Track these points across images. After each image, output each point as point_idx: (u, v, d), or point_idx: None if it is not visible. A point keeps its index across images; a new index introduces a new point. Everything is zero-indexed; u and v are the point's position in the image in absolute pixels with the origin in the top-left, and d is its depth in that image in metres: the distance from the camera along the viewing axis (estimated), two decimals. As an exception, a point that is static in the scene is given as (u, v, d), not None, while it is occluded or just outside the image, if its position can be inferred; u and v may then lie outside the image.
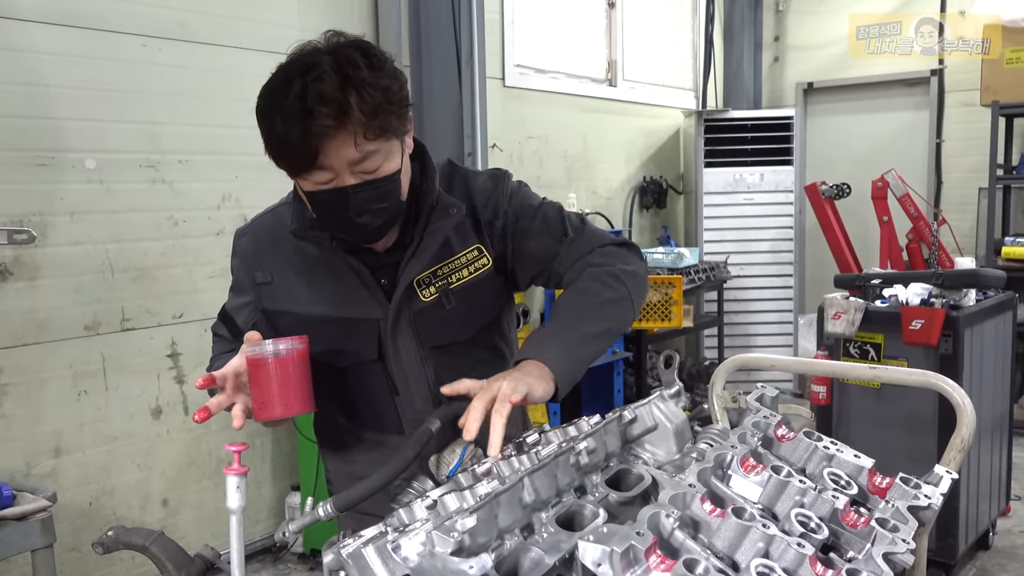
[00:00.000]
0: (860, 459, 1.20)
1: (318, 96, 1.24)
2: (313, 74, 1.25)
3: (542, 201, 1.56)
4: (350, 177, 1.31)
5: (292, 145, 1.27)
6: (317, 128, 1.24)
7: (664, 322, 4.72)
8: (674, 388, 1.36)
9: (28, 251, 2.94)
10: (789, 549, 0.95)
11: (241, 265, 1.57)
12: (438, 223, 1.46)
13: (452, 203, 1.47)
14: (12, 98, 2.90)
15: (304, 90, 1.24)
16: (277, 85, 1.29)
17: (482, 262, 1.50)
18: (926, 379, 1.73)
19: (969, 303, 3.46)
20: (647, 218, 6.23)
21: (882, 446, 3.38)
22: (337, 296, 1.48)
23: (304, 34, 4.28)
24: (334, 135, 1.26)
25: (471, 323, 1.51)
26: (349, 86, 1.25)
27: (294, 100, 1.25)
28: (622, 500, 1.18)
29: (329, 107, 1.24)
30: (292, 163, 1.31)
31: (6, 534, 2.13)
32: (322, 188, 1.33)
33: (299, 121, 1.24)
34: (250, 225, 1.60)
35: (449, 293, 1.48)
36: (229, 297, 1.61)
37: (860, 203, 5.49)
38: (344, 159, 1.29)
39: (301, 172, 1.32)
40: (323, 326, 1.46)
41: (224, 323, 1.61)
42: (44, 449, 3.03)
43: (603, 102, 5.72)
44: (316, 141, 1.26)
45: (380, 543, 0.96)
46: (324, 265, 1.48)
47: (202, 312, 3.48)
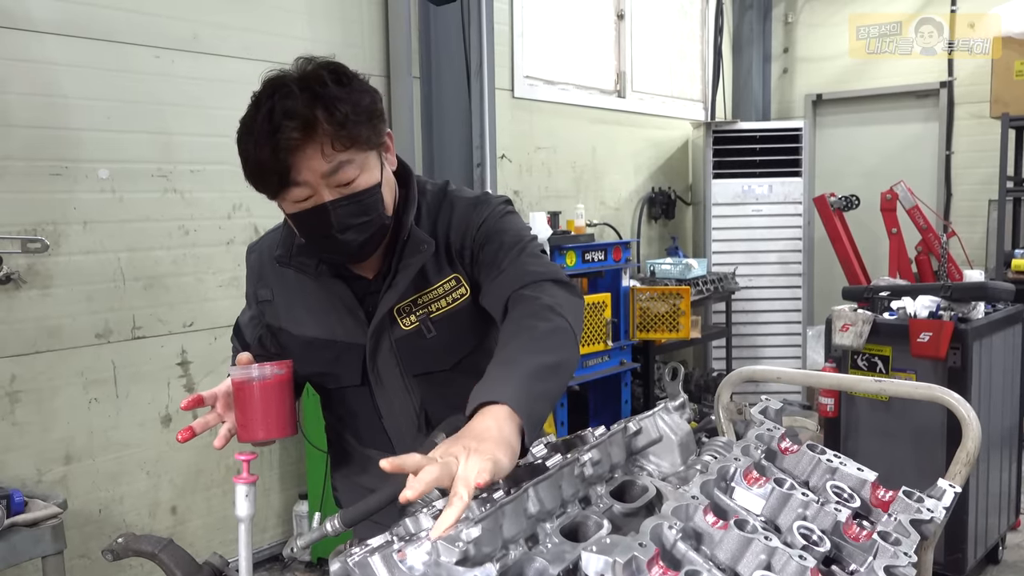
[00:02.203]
0: (863, 472, 1.20)
1: (284, 112, 1.26)
2: (280, 93, 1.28)
3: (511, 230, 1.48)
4: (328, 193, 1.32)
5: (264, 163, 1.28)
6: (285, 142, 1.26)
7: (672, 333, 4.72)
8: (679, 400, 1.37)
9: (41, 260, 2.98)
10: (791, 561, 0.95)
11: (248, 281, 1.62)
12: (409, 258, 1.45)
13: (423, 239, 1.45)
14: (28, 108, 2.94)
15: (271, 109, 1.27)
16: (249, 111, 1.32)
17: (460, 292, 1.48)
18: (931, 392, 1.73)
19: (978, 316, 3.45)
20: (655, 229, 6.24)
21: (890, 459, 3.37)
22: (326, 320, 1.51)
23: (315, 46, 4.33)
24: (302, 147, 1.27)
25: (453, 352, 1.49)
26: (316, 100, 1.28)
27: (263, 121, 1.27)
28: (626, 511, 1.19)
29: (295, 121, 1.26)
30: (267, 182, 1.31)
31: (17, 540, 2.15)
32: (302, 208, 1.33)
33: (269, 139, 1.26)
34: (258, 242, 1.64)
35: (429, 323, 1.47)
36: (243, 310, 1.65)
37: (869, 215, 5.49)
38: (316, 171, 1.30)
39: (278, 191, 1.32)
40: (314, 348, 1.51)
41: (236, 336, 1.66)
42: (55, 456, 3.06)
43: (612, 113, 5.74)
44: (285, 155, 1.27)
45: (386, 552, 0.98)
46: (315, 289, 1.50)
47: (212, 321, 3.51)
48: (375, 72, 4.02)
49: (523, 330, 1.29)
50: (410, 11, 4.07)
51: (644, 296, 4.69)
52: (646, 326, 4.69)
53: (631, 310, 4.62)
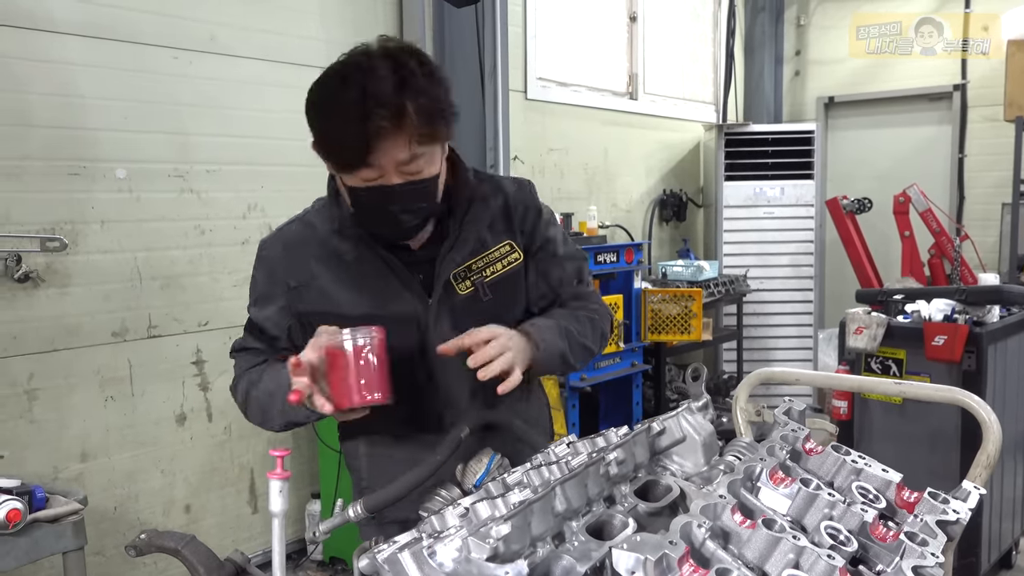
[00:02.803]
0: (888, 473, 1.20)
1: (376, 98, 1.29)
2: (371, 76, 1.30)
3: (560, 231, 1.70)
4: (395, 176, 1.37)
5: (347, 143, 1.32)
6: (374, 128, 1.29)
7: (683, 335, 4.71)
8: (702, 400, 1.38)
9: (60, 259, 3.00)
10: (819, 561, 0.96)
11: (268, 274, 1.58)
12: (478, 212, 1.53)
13: (493, 191, 1.56)
14: (47, 108, 2.96)
15: (362, 91, 1.29)
16: (333, 84, 1.34)
17: (514, 256, 1.58)
18: (952, 395, 1.73)
19: (993, 319, 3.44)
20: (667, 231, 6.24)
21: (904, 462, 3.33)
22: (376, 295, 1.51)
23: (329, 47, 4.35)
24: (389, 136, 1.31)
25: (507, 315, 1.55)
26: (405, 89, 1.30)
27: (352, 100, 1.29)
28: (650, 511, 1.19)
29: (386, 109, 1.29)
30: (343, 160, 1.37)
31: (40, 536, 2.17)
32: (367, 185, 1.38)
33: (357, 120, 1.29)
34: (275, 235, 1.62)
35: (484, 286, 1.53)
36: (252, 311, 1.61)
37: (881, 218, 5.48)
38: (393, 159, 1.34)
39: (351, 169, 1.37)
40: (366, 324, 1.47)
41: (253, 334, 1.61)
42: (71, 453, 3.08)
43: (624, 115, 5.74)
44: (372, 141, 1.30)
45: (416, 548, 0.98)
46: (360, 266, 1.51)
47: (227, 320, 3.52)
48: (389, 73, 4.03)
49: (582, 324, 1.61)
50: (424, 13, 4.09)
51: (656, 298, 4.69)
52: (658, 328, 4.69)
53: (643, 312, 4.62)
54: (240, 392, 1.59)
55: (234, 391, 1.62)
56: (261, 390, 1.53)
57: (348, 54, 1.38)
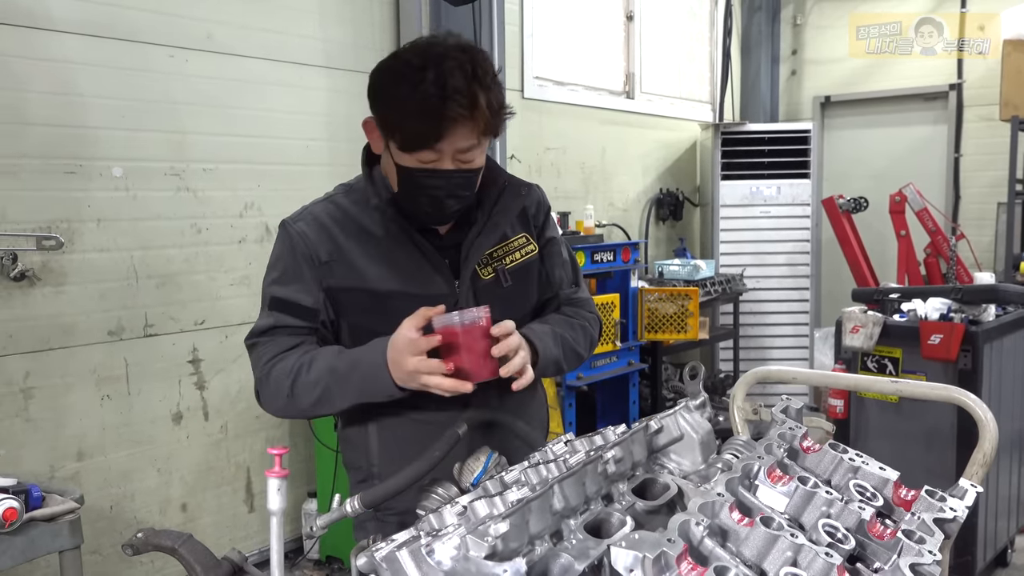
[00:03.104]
0: (885, 471, 1.21)
1: (455, 87, 1.38)
2: (448, 66, 1.39)
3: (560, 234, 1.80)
4: (450, 162, 1.45)
5: (422, 124, 1.39)
6: (452, 113, 1.38)
7: (680, 334, 4.72)
8: (699, 399, 1.38)
9: (56, 257, 2.99)
10: (817, 559, 0.96)
11: (295, 250, 1.56)
12: (508, 201, 1.62)
13: (523, 184, 1.66)
14: (44, 107, 2.96)
15: (441, 79, 1.38)
16: (410, 70, 1.41)
17: (530, 248, 1.68)
18: (948, 394, 1.73)
19: (988, 318, 3.45)
20: (663, 230, 6.25)
21: (900, 461, 3.33)
22: (405, 273, 1.56)
23: (327, 46, 4.32)
24: (462, 124, 1.40)
25: (524, 302, 1.66)
26: (478, 83, 1.41)
27: (431, 86, 1.37)
28: (648, 509, 1.19)
29: (465, 98, 1.38)
30: (413, 140, 1.42)
31: (36, 535, 2.16)
32: (421, 166, 1.45)
33: (436, 105, 1.37)
34: (300, 213, 1.61)
35: (505, 273, 1.62)
36: (277, 289, 1.58)
37: (877, 217, 5.48)
38: (455, 146, 1.43)
39: (415, 149, 1.43)
40: (393, 301, 1.53)
41: (286, 311, 1.57)
42: (67, 452, 3.07)
43: (621, 114, 5.74)
44: (446, 125, 1.39)
45: (414, 547, 0.98)
46: (390, 245, 1.56)
47: (224, 319, 3.52)
48: (386, 72, 4.02)
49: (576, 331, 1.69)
50: (421, 11, 4.08)
51: (652, 297, 4.69)
52: (654, 327, 4.69)
53: (639, 311, 4.62)
54: (279, 375, 1.54)
55: (265, 376, 1.56)
56: (321, 370, 1.50)
57: (415, 44, 1.47)
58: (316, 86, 3.78)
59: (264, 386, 1.57)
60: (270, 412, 1.64)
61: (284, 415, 1.63)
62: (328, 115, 3.84)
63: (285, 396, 1.53)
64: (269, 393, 1.57)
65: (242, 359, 3.59)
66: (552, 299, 1.75)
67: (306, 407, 1.54)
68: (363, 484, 1.65)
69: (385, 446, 1.63)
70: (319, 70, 3.78)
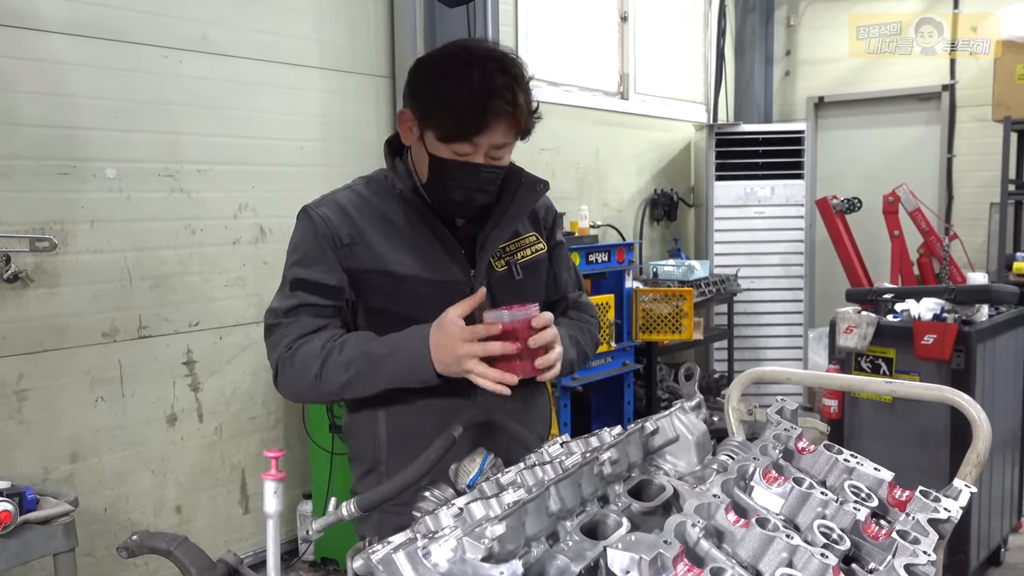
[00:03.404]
0: (880, 472, 1.21)
1: (501, 85, 1.48)
2: (491, 66, 1.49)
3: None
4: (482, 157, 1.53)
5: (468, 117, 1.47)
6: (495, 109, 1.47)
7: (674, 334, 4.73)
8: (695, 400, 1.38)
9: (49, 259, 2.98)
10: (813, 559, 0.96)
11: (317, 233, 1.59)
12: (524, 196, 1.68)
13: (538, 180, 1.70)
14: (36, 107, 2.95)
15: (488, 77, 1.47)
16: (457, 66, 1.50)
17: (539, 246, 1.74)
18: (942, 394, 1.74)
19: (981, 318, 3.47)
20: (658, 230, 6.26)
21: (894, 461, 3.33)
22: (423, 259, 1.61)
23: (321, 46, 4.31)
24: (503, 120, 1.49)
25: (533, 296, 1.68)
26: (519, 86, 1.51)
27: (477, 83, 1.46)
28: (644, 510, 1.20)
29: (509, 95, 1.48)
30: (455, 131, 1.49)
31: (30, 538, 2.15)
32: (455, 158, 1.52)
33: (482, 100, 1.46)
34: (322, 200, 1.65)
35: (517, 266, 1.69)
36: (299, 271, 1.60)
37: (871, 217, 5.50)
38: (493, 142, 1.51)
39: (455, 140, 1.50)
40: (411, 285, 1.58)
41: (309, 291, 1.58)
42: (61, 454, 3.06)
43: (615, 115, 5.75)
44: (488, 120, 1.48)
45: (410, 549, 0.98)
46: (409, 232, 1.61)
47: (218, 320, 3.51)
48: (380, 72, 4.02)
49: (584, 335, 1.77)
50: (415, 12, 4.08)
51: (647, 297, 4.70)
52: (649, 327, 4.70)
53: (634, 311, 4.63)
54: (306, 356, 1.53)
55: (288, 357, 1.55)
56: (355, 352, 1.52)
57: (456, 44, 1.58)
58: (311, 87, 3.78)
59: (287, 367, 1.56)
60: (287, 394, 1.63)
61: (302, 398, 1.63)
62: (323, 116, 3.84)
63: (312, 377, 1.53)
64: (293, 374, 1.55)
65: (236, 360, 3.61)
66: (560, 301, 1.81)
67: (332, 389, 1.54)
68: (368, 476, 1.67)
69: (394, 436, 1.65)
70: (313, 71, 3.78)
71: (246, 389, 3.66)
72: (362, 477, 1.69)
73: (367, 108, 4.00)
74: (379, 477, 1.63)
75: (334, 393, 1.57)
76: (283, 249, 1.67)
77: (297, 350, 1.55)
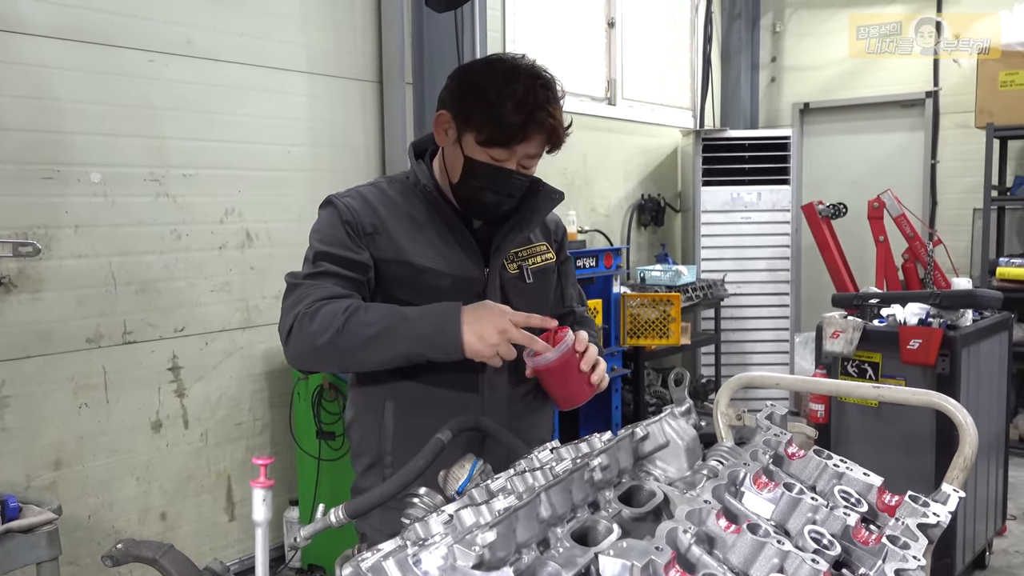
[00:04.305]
0: (870, 477, 1.21)
1: (545, 98, 1.58)
2: (536, 82, 1.58)
3: None
4: (514, 165, 1.62)
5: (513, 125, 1.56)
6: (539, 120, 1.57)
7: (662, 339, 4.74)
8: (685, 406, 1.38)
9: (32, 264, 2.95)
10: (804, 565, 0.96)
11: (342, 219, 1.64)
12: (540, 201, 1.76)
13: (555, 190, 1.79)
14: (19, 112, 2.92)
15: (534, 91, 1.56)
16: (504, 77, 1.58)
17: (548, 256, 1.83)
18: (928, 398, 1.75)
19: (966, 323, 3.49)
20: (645, 235, 6.27)
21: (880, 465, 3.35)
22: (441, 253, 1.67)
23: (308, 51, 4.29)
24: (543, 132, 1.59)
25: (544, 302, 1.79)
26: (555, 101, 1.61)
27: (524, 94, 1.55)
28: (635, 516, 1.19)
29: (552, 109, 1.59)
30: (497, 136, 1.57)
31: (12, 547, 2.13)
32: (489, 162, 1.60)
33: (529, 111, 1.55)
34: (348, 191, 1.71)
35: (528, 271, 1.75)
36: (320, 246, 1.62)
37: (856, 223, 5.54)
38: (528, 151, 1.61)
39: (495, 145, 1.58)
40: (428, 276, 1.64)
41: (335, 263, 1.60)
42: (44, 462, 3.02)
43: (602, 120, 5.76)
44: (533, 129, 1.57)
45: (400, 556, 0.97)
46: (428, 227, 1.68)
47: (203, 326, 3.49)
48: (368, 78, 4.02)
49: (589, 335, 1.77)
50: (403, 17, 4.08)
51: (634, 303, 4.70)
52: (636, 332, 4.70)
53: (622, 316, 4.64)
54: (330, 311, 1.52)
55: (312, 312, 1.53)
56: (382, 312, 1.53)
57: (502, 56, 1.66)
58: (297, 91, 3.76)
59: (304, 323, 1.53)
60: (297, 353, 1.58)
61: (313, 359, 1.59)
62: (310, 120, 3.82)
63: (333, 331, 1.50)
64: (311, 329, 1.52)
65: (222, 366, 3.59)
66: (568, 315, 1.89)
67: (351, 347, 1.51)
68: (372, 470, 1.71)
69: (400, 428, 1.68)
70: (300, 75, 3.76)
71: (232, 395, 3.63)
72: (365, 471, 1.73)
73: (354, 113, 3.99)
74: (383, 471, 1.67)
75: (352, 352, 1.52)
76: (270, 254, 1.69)
77: (321, 307, 1.53)
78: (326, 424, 3.56)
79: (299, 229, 2.79)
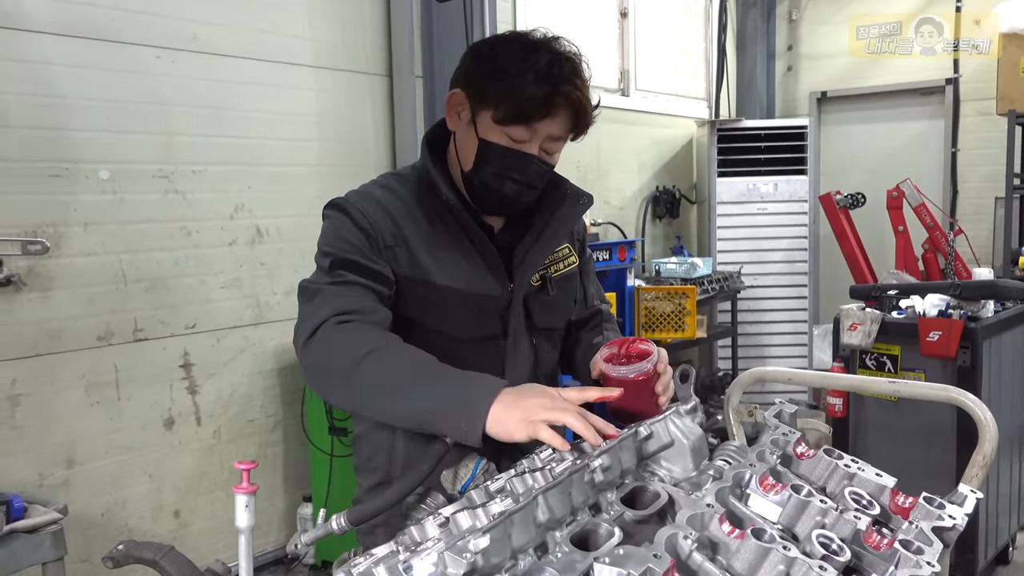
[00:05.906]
0: (882, 478, 1.17)
1: (570, 70, 1.41)
2: (559, 55, 1.42)
3: None
4: (535, 148, 1.45)
5: (536, 97, 1.39)
6: (565, 93, 1.40)
7: (677, 333, 4.68)
8: (690, 404, 1.34)
9: (42, 262, 2.95)
10: (811, 572, 0.92)
11: (359, 227, 1.46)
12: (568, 209, 1.60)
13: (582, 193, 1.63)
14: (27, 109, 2.91)
15: (556, 63, 1.40)
16: (525, 49, 1.42)
17: (572, 260, 1.68)
18: (947, 394, 1.69)
19: (987, 314, 3.41)
20: (660, 228, 6.21)
21: (900, 460, 3.34)
22: (462, 270, 1.51)
23: (316, 45, 4.27)
24: (568, 109, 1.42)
25: (566, 312, 1.67)
26: (581, 74, 1.44)
27: (547, 65, 1.39)
28: (638, 518, 1.16)
29: (578, 82, 1.42)
30: (519, 110, 1.41)
31: (17, 547, 2.12)
32: (510, 145, 1.44)
33: (552, 82, 1.39)
34: (357, 194, 1.52)
35: (552, 281, 1.61)
36: (334, 255, 1.44)
37: (875, 213, 5.45)
38: (551, 132, 1.44)
39: (514, 122, 1.41)
40: (446, 295, 1.48)
41: (355, 271, 1.42)
42: (57, 460, 3.03)
43: (616, 112, 5.70)
44: (557, 103, 1.40)
45: (391, 563, 0.95)
46: (448, 239, 1.51)
47: (215, 323, 3.48)
48: (377, 71, 3.99)
49: None
50: (412, 10, 4.04)
51: (649, 296, 4.65)
52: (651, 325, 4.65)
53: (636, 310, 4.59)
54: (356, 338, 1.33)
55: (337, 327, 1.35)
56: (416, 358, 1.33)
57: (520, 32, 1.49)
58: (306, 86, 3.74)
59: (328, 340, 1.35)
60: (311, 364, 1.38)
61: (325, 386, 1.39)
62: (318, 115, 3.80)
63: (352, 363, 1.31)
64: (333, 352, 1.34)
65: (234, 362, 3.58)
66: (595, 315, 1.76)
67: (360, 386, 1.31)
68: (376, 489, 1.56)
69: (412, 450, 1.52)
70: (308, 70, 3.74)
71: (244, 392, 3.62)
72: (370, 490, 1.59)
73: (364, 107, 3.96)
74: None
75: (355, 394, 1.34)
76: (279, 250, 1.63)
77: (356, 324, 1.35)
78: (338, 420, 3.54)
79: (309, 224, 2.77)
